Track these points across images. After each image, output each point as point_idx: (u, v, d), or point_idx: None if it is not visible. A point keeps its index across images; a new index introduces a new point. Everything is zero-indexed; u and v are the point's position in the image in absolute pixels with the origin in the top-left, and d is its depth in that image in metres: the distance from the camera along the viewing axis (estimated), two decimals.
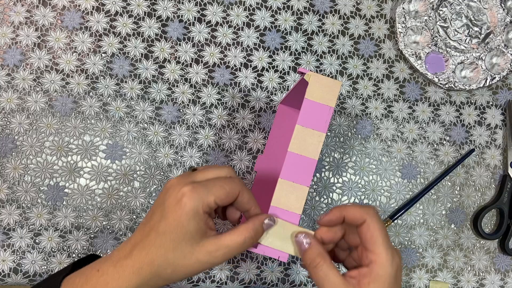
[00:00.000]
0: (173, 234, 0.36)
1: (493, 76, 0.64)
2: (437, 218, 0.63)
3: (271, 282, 0.59)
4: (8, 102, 0.57)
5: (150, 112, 0.59)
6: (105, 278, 0.37)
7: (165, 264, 0.36)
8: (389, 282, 0.37)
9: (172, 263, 0.36)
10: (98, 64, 0.59)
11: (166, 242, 0.36)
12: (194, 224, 0.36)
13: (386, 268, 0.37)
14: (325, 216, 0.40)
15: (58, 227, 0.57)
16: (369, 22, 0.64)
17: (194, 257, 0.37)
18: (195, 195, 0.36)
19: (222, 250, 0.37)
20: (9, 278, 0.56)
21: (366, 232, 0.38)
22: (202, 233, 0.37)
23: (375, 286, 0.37)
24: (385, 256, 0.37)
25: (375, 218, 0.38)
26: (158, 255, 0.36)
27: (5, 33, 0.58)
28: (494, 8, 0.64)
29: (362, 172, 0.62)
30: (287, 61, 0.62)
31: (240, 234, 0.37)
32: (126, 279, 0.37)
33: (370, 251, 0.37)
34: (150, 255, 0.37)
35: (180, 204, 0.36)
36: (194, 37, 0.61)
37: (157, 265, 0.36)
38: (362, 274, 0.37)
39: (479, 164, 0.64)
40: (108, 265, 0.38)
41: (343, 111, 0.62)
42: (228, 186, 0.38)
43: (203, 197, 0.36)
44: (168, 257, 0.36)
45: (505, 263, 0.63)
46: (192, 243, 0.36)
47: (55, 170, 0.57)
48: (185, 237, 0.36)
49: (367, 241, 0.38)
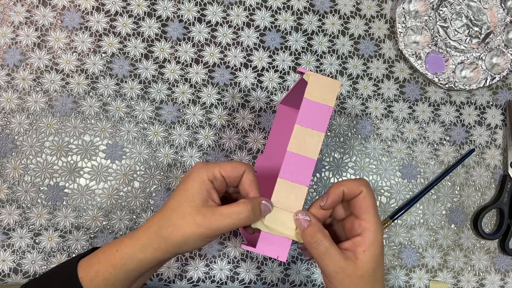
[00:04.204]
0: (179, 197, 0.40)
1: (493, 76, 0.64)
2: (437, 218, 0.63)
3: (271, 282, 0.59)
4: (8, 102, 0.57)
5: (150, 112, 0.59)
6: (121, 240, 0.42)
7: (167, 223, 0.40)
8: (381, 246, 0.40)
9: (173, 222, 0.40)
10: (98, 64, 0.59)
11: (172, 204, 0.41)
12: (197, 188, 0.40)
13: (378, 234, 0.40)
14: (327, 199, 0.41)
15: (58, 227, 0.57)
16: (369, 22, 0.64)
17: (192, 218, 0.39)
18: (202, 165, 0.41)
19: (217, 217, 0.39)
20: (9, 278, 0.56)
21: (362, 202, 0.41)
22: (203, 200, 0.40)
23: (370, 253, 0.39)
24: (377, 223, 0.40)
25: (369, 188, 0.41)
26: (164, 215, 0.41)
27: (5, 33, 0.58)
28: (494, 8, 0.64)
29: (362, 172, 0.62)
30: (287, 61, 0.62)
31: (237, 205, 0.40)
32: (135, 238, 0.41)
33: (364, 219, 0.40)
34: (159, 216, 0.41)
35: (189, 173, 0.42)
36: (194, 37, 0.61)
37: (161, 224, 0.40)
38: (356, 243, 0.40)
39: (479, 164, 0.64)
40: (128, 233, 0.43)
41: (343, 111, 0.62)
42: (235, 162, 0.42)
43: (209, 167, 0.41)
44: (171, 216, 0.40)
45: (505, 263, 0.63)
46: (192, 205, 0.40)
47: (55, 170, 0.57)
48: (187, 199, 0.40)
49: (362, 210, 0.40)
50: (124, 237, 0.42)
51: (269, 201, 0.41)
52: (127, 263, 0.40)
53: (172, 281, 0.58)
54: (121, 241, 0.41)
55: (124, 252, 0.41)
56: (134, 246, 0.41)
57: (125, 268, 0.41)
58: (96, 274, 0.41)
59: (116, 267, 0.40)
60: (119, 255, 0.41)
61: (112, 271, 0.40)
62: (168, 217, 0.40)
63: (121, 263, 0.40)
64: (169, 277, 0.58)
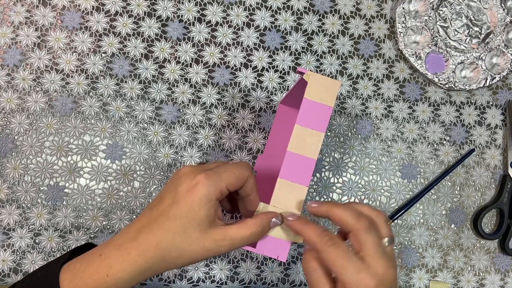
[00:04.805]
0: (183, 219, 0.37)
1: (493, 76, 0.64)
2: (437, 218, 0.63)
3: (271, 282, 0.59)
4: (8, 102, 0.57)
5: (150, 112, 0.59)
6: (108, 261, 0.37)
7: (171, 248, 0.37)
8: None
9: (179, 247, 0.37)
10: (98, 64, 0.59)
11: (175, 226, 0.37)
12: (205, 211, 0.37)
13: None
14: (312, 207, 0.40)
15: (58, 227, 0.57)
16: (369, 22, 0.64)
17: (200, 243, 0.37)
18: (208, 182, 0.37)
19: (228, 241, 0.37)
20: (9, 278, 0.56)
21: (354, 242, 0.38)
22: (211, 220, 0.37)
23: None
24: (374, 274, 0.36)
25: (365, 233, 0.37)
26: (166, 238, 0.37)
27: (5, 33, 0.58)
28: (494, 8, 0.64)
29: (362, 172, 0.62)
30: (287, 61, 0.62)
31: (247, 228, 0.38)
32: (130, 262, 0.37)
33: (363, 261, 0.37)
34: (158, 238, 0.37)
35: (194, 191, 0.37)
36: (194, 37, 0.61)
37: (163, 248, 0.37)
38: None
39: (479, 164, 0.64)
40: (110, 249, 0.38)
41: (343, 111, 0.62)
42: (238, 171, 0.39)
43: (215, 184, 0.37)
44: (175, 241, 0.37)
45: (505, 263, 0.63)
46: (200, 230, 0.37)
47: (55, 170, 0.57)
48: (194, 223, 0.37)
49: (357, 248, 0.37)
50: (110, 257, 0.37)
51: (279, 216, 0.40)
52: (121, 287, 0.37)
53: (172, 281, 0.58)
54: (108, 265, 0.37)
55: (118, 277, 0.37)
56: (130, 272, 0.37)
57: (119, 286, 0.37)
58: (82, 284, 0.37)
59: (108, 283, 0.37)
60: (112, 279, 0.37)
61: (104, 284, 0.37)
62: (171, 241, 0.37)
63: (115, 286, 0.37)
64: (169, 277, 0.58)
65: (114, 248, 0.37)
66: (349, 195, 0.61)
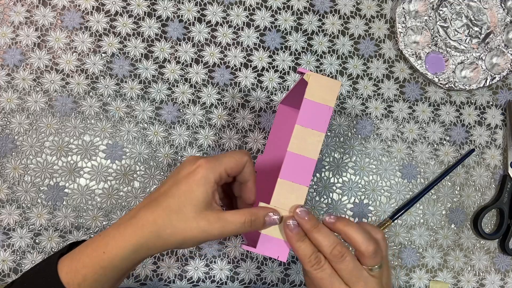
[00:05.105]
0: (181, 197, 0.38)
1: (493, 76, 0.64)
2: (437, 218, 0.63)
3: (271, 282, 0.59)
4: (8, 102, 0.57)
5: (150, 112, 0.59)
6: (105, 239, 0.38)
7: (166, 224, 0.38)
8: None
9: (173, 224, 0.38)
10: (98, 64, 0.59)
11: (172, 204, 0.38)
12: (202, 191, 0.38)
13: None
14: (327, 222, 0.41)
15: (58, 227, 0.57)
16: (369, 22, 0.64)
17: (195, 222, 0.38)
18: (208, 165, 0.39)
19: (221, 223, 0.38)
20: (9, 278, 0.56)
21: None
22: (207, 203, 0.39)
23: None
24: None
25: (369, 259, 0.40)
26: (162, 215, 0.38)
27: (5, 33, 0.58)
28: (494, 8, 0.64)
29: (362, 172, 0.62)
30: (287, 61, 0.62)
31: (242, 215, 0.39)
32: (126, 238, 0.38)
33: None
34: (155, 214, 0.38)
35: (194, 173, 0.39)
36: (194, 37, 0.61)
37: (159, 224, 0.38)
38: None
39: (479, 164, 0.64)
40: (110, 229, 0.39)
41: (343, 111, 0.62)
42: (237, 155, 0.41)
43: (215, 167, 0.39)
44: (171, 218, 0.38)
45: (505, 263, 0.63)
46: (196, 209, 0.38)
47: (55, 170, 0.57)
48: (191, 202, 0.38)
49: None
50: (108, 235, 0.39)
51: (278, 216, 0.40)
52: (117, 265, 0.38)
53: (172, 281, 0.58)
54: (105, 242, 0.38)
55: (113, 254, 0.38)
56: (125, 248, 0.38)
57: (115, 269, 0.38)
58: (83, 279, 0.38)
59: (106, 269, 0.38)
60: (108, 257, 0.38)
61: (102, 273, 0.38)
62: (167, 218, 0.38)
63: (111, 265, 0.38)
64: (169, 277, 0.58)
65: (113, 228, 0.39)
66: (349, 195, 0.61)
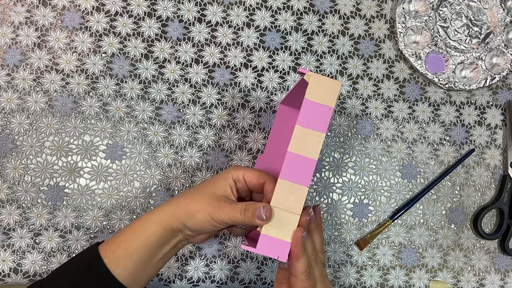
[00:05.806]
0: (203, 188, 0.46)
1: (493, 76, 0.64)
2: (437, 218, 0.63)
3: (271, 282, 0.59)
4: (8, 102, 0.57)
5: (150, 112, 0.59)
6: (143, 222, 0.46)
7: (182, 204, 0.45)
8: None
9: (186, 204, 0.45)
10: (98, 64, 0.59)
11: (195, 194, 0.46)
12: (221, 182, 0.46)
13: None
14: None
15: (58, 227, 0.57)
16: (369, 22, 0.64)
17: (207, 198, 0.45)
18: (234, 167, 0.47)
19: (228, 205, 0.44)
20: (9, 278, 0.56)
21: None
22: (223, 192, 0.45)
23: None
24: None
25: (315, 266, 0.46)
26: (182, 195, 0.46)
27: (5, 33, 0.58)
28: (494, 8, 0.64)
29: (362, 172, 0.62)
30: (287, 61, 0.62)
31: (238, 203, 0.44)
32: (153, 213, 0.46)
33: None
34: (178, 196, 0.47)
35: (220, 173, 0.47)
36: (194, 37, 0.61)
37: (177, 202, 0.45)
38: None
39: (479, 164, 0.64)
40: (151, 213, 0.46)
41: (343, 111, 0.62)
42: (259, 172, 0.46)
43: (237, 169, 0.46)
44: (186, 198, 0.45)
45: (505, 263, 0.63)
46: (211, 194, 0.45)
47: (55, 170, 0.57)
48: (210, 190, 0.45)
49: None
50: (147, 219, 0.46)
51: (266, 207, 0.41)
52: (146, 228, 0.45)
53: (172, 281, 0.58)
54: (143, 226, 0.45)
55: (147, 235, 0.44)
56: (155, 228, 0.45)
57: (144, 234, 0.44)
58: (118, 244, 0.44)
59: (136, 231, 0.45)
60: (142, 238, 0.44)
61: (134, 237, 0.44)
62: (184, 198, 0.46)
63: (141, 228, 0.45)
64: (169, 277, 0.58)
65: (152, 212, 0.46)
66: (349, 195, 0.61)
